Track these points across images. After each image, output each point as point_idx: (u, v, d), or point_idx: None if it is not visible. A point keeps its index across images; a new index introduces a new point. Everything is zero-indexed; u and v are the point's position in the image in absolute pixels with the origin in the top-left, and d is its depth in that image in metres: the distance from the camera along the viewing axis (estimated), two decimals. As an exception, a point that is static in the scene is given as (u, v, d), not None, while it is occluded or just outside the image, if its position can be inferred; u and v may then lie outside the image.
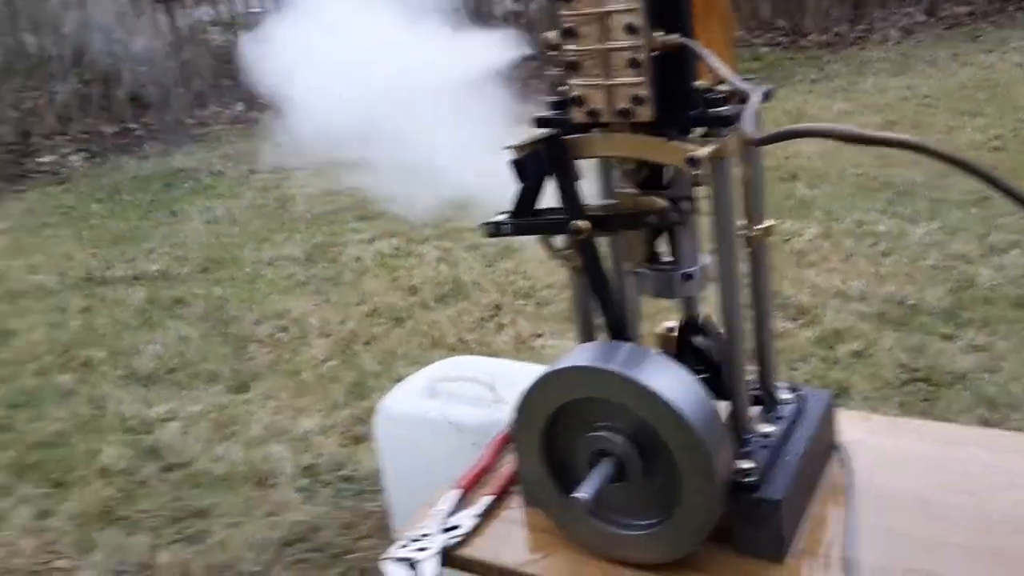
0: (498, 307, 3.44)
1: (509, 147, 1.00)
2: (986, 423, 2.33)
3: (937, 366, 2.64)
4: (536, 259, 3.74)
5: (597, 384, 0.99)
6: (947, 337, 2.82)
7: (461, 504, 1.18)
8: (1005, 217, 3.72)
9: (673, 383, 0.97)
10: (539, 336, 3.16)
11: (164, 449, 2.57)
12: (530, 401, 1.05)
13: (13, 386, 3.10)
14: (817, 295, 3.21)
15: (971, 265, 3.33)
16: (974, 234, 3.61)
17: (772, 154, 5.04)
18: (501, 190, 1.03)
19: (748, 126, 0.86)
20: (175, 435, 2.62)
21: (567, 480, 1.06)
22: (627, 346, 1.02)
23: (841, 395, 2.53)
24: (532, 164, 1.00)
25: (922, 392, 2.52)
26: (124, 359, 3.26)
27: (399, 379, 1.85)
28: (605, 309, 1.06)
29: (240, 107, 8.35)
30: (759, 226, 1.12)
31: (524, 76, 1.12)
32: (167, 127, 7.92)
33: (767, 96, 1.02)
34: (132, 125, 7.98)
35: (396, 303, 3.57)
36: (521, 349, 3.09)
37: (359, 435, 2.54)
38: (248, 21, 8.29)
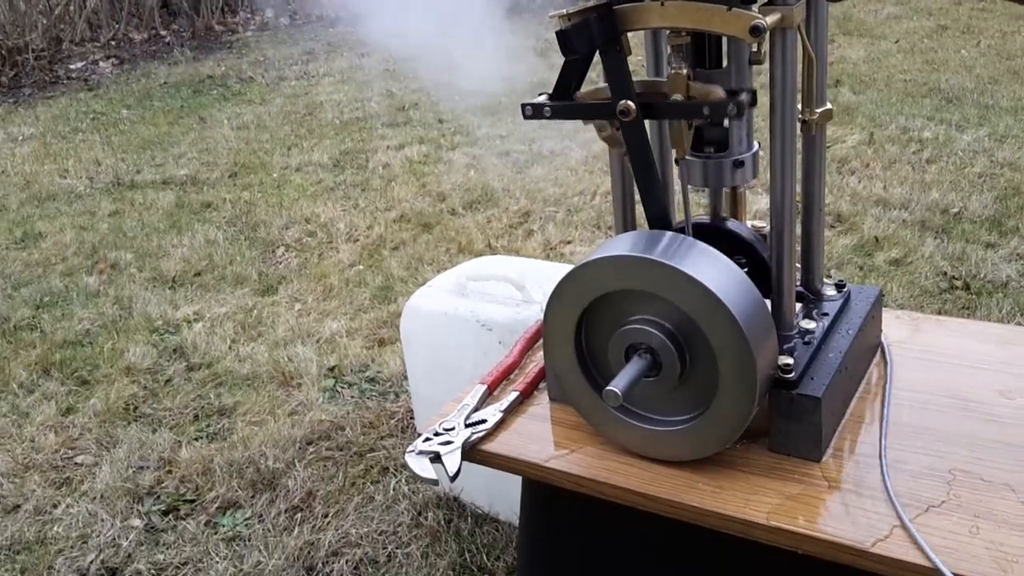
0: (527, 214, 3.38)
1: (554, 15, 0.92)
2: (1030, 331, 2.26)
3: (978, 274, 2.56)
4: (566, 167, 3.65)
5: (636, 274, 0.93)
6: (990, 245, 2.73)
7: (487, 400, 1.15)
8: (1058, 125, 3.57)
9: (717, 274, 0.91)
10: (568, 243, 3.10)
11: (189, 349, 2.56)
12: (564, 292, 0.99)
13: (40, 286, 3.10)
14: (857, 202, 3.11)
15: (1018, 173, 3.20)
16: (1023, 141, 3.46)
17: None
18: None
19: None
20: (200, 335, 2.61)
21: (599, 375, 1.02)
22: (668, 235, 0.96)
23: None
24: (580, 35, 0.92)
25: (961, 300, 2.44)
26: (152, 261, 3.25)
27: (425, 283, 1.81)
28: (647, 198, 0.99)
29: (270, 14, 8.21)
30: (819, 109, 1.03)
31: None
32: (197, 34, 7.80)
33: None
34: (162, 32, 7.88)
35: (424, 209, 3.51)
36: (551, 255, 3.04)
37: (384, 338, 2.52)
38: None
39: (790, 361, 0.97)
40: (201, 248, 3.32)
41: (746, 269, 1.05)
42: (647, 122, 0.97)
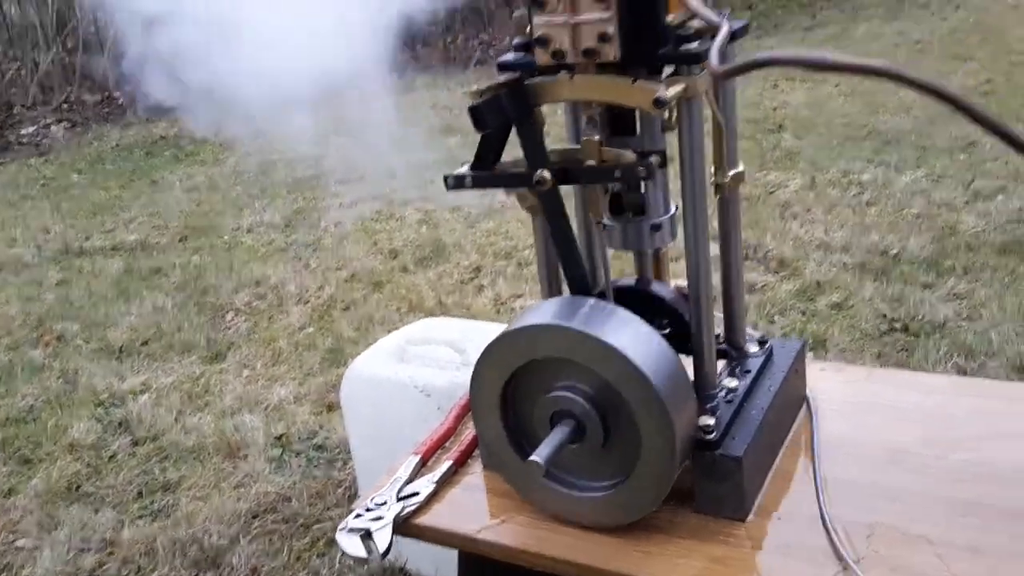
0: (478, 269, 3.40)
1: (467, 92, 0.94)
2: (963, 372, 2.30)
3: (917, 315, 2.61)
4: (517, 219, 3.68)
5: (558, 343, 0.94)
6: (927, 286, 2.79)
7: (421, 471, 1.14)
8: (991, 163, 3.68)
9: (636, 340, 0.93)
10: (519, 297, 3.12)
11: (134, 422, 2.53)
12: (489, 360, 1.00)
13: (-16, 362, 3.05)
14: (799, 247, 3.16)
15: (955, 213, 3.28)
16: (959, 181, 3.56)
17: (759, 105, 4.98)
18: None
19: (714, 58, 0.80)
20: (146, 408, 2.58)
21: (526, 442, 1.02)
22: (589, 302, 0.97)
23: (818, 347, 2.50)
24: (491, 111, 0.94)
25: (900, 342, 2.48)
26: (98, 331, 3.21)
27: (367, 349, 1.81)
28: (567, 263, 1.01)
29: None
30: (730, 172, 1.06)
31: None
32: (150, 95, 7.80)
33: (740, 32, 0.96)
34: (115, 94, 7.87)
35: (376, 267, 3.52)
36: (501, 310, 3.05)
37: (333, 402, 2.51)
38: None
39: (711, 422, 0.98)
40: (149, 316, 3.29)
41: (669, 331, 1.07)
42: (574, 190, 0.99)
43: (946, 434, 1.07)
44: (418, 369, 1.64)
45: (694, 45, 0.91)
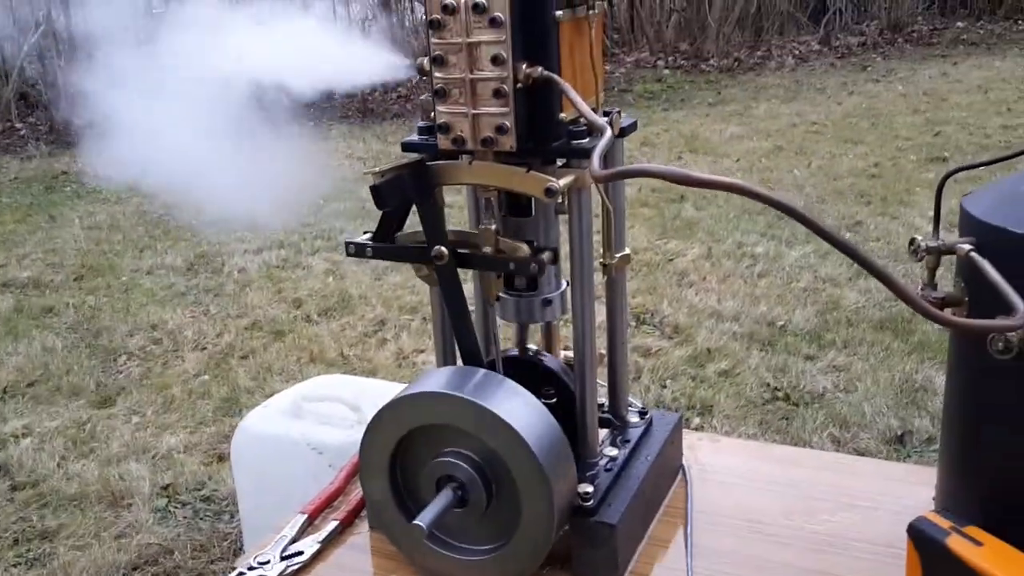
0: (383, 322, 3.41)
1: (369, 172, 0.98)
2: (837, 442, 2.42)
3: (798, 385, 2.74)
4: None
5: (447, 410, 0.98)
6: (809, 358, 2.93)
7: (308, 530, 1.15)
8: (873, 242, 3.90)
9: (521, 410, 0.97)
10: (421, 352, 3.14)
11: (15, 467, 2.43)
12: (380, 423, 1.03)
13: None
14: (694, 314, 3.28)
15: (839, 288, 3.46)
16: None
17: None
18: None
19: (596, 162, 0.87)
20: (28, 452, 2.49)
21: (412, 504, 1.05)
22: (479, 372, 1.02)
23: (705, 413, 2.59)
24: (392, 191, 0.98)
25: (781, 410, 2.60)
26: (-18, 371, 3.09)
27: (273, 394, 1.81)
28: (460, 335, 1.05)
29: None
30: (617, 254, 1.12)
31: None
32: (55, 128, 7.59)
33: (629, 129, 1.04)
34: (17, 125, 7.64)
35: (278, 316, 3.49)
36: (403, 364, 3.07)
37: (224, 453, 2.47)
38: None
39: (590, 489, 1.03)
40: (37, 356, 3.18)
41: (555, 400, 1.12)
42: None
43: (805, 505, 1.14)
44: (311, 426, 1.64)
45: (585, 141, 0.97)
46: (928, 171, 4.98)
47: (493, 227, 1.01)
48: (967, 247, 0.86)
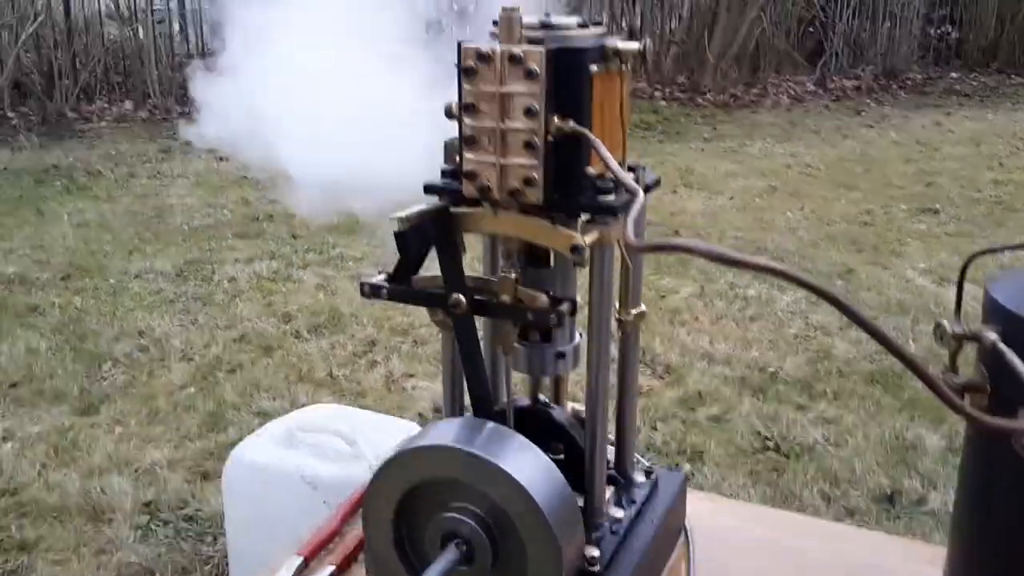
0: (373, 343, 3.38)
1: (394, 218, 0.97)
2: (827, 498, 2.42)
3: (788, 436, 2.74)
4: (416, 295, 3.68)
5: (456, 465, 0.97)
6: (801, 407, 2.93)
7: (303, 572, 1.13)
8: (865, 292, 3.92)
9: (531, 468, 0.96)
10: (411, 376, 3.12)
11: (-6, 472, 2.40)
12: (387, 475, 1.01)
13: None
14: (685, 355, 3.28)
15: (830, 337, 3.47)
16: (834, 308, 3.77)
17: (658, 210, 5.17)
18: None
19: (630, 231, 0.86)
20: (8, 458, 2.45)
21: (415, 558, 1.03)
22: (489, 426, 1.00)
23: (696, 459, 2.59)
24: (416, 238, 0.97)
25: (772, 462, 2.60)
26: (-37, 370, 3.04)
27: (259, 412, 1.79)
28: (472, 384, 1.04)
29: (128, 105, 8.02)
30: (633, 311, 1.12)
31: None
32: (47, 119, 7.53)
33: (653, 186, 1.03)
34: (9, 114, 7.57)
35: (267, 330, 3.46)
36: (392, 389, 3.04)
37: (209, 471, 2.44)
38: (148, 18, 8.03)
39: (596, 553, 1.01)
40: (20, 357, 3.14)
41: (563, 455, 1.11)
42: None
43: (800, 571, 1.14)
44: (305, 458, 1.62)
45: (611, 198, 0.97)
46: (920, 222, 5.03)
47: (513, 276, 1.00)
48: (992, 336, 0.86)
